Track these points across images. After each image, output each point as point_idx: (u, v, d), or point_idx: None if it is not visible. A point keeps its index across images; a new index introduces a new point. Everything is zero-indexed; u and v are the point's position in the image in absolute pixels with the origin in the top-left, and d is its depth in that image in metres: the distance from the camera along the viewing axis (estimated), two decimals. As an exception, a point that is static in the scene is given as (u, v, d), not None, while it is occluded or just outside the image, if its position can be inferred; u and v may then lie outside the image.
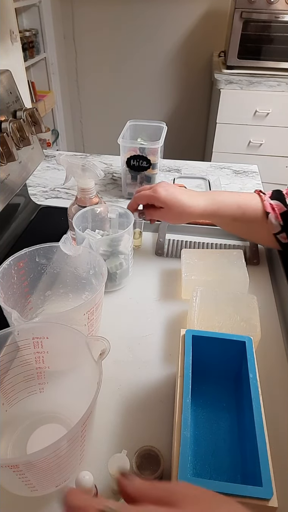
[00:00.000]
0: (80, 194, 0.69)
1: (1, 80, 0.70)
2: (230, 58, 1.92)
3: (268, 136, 2.00)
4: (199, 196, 0.68)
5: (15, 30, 0.97)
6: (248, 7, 1.77)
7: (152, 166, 0.93)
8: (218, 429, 0.46)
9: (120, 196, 1.01)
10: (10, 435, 0.47)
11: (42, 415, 0.49)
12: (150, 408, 0.51)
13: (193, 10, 2.22)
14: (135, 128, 1.02)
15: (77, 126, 2.79)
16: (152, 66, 2.44)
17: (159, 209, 0.68)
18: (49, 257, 0.60)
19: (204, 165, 1.18)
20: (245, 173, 1.14)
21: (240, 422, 0.46)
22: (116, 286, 0.69)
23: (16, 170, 0.71)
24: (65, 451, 0.36)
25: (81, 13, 2.35)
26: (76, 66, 2.54)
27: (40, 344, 0.46)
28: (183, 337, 0.47)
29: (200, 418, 0.47)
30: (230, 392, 0.50)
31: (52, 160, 1.19)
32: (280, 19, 1.80)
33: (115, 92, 2.58)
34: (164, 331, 0.62)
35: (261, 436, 0.37)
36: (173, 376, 0.55)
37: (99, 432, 0.48)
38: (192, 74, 2.44)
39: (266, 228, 0.67)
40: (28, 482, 0.37)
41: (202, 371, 0.48)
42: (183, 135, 2.61)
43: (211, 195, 0.69)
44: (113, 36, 2.38)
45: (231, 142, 2.04)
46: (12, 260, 0.55)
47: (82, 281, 0.62)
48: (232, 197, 0.68)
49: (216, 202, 0.67)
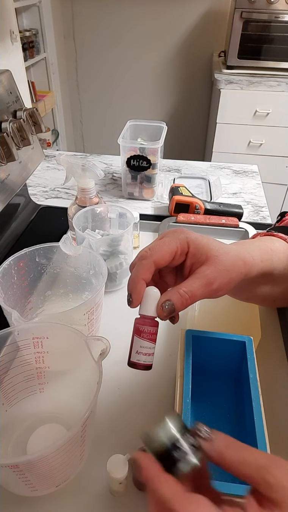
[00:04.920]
0: (80, 194, 0.69)
1: (1, 80, 0.70)
2: (230, 58, 1.92)
3: (268, 136, 2.00)
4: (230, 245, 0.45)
5: (15, 30, 0.97)
6: (248, 7, 1.78)
7: (152, 166, 0.93)
8: (218, 429, 0.46)
9: (120, 196, 1.01)
10: (10, 435, 0.47)
11: (42, 415, 0.49)
12: (150, 408, 0.51)
13: (193, 10, 2.22)
14: (135, 128, 1.02)
15: (77, 126, 2.79)
16: (152, 66, 2.44)
17: (198, 273, 0.39)
18: (49, 257, 0.60)
19: (204, 165, 1.18)
20: (245, 173, 1.14)
21: (240, 422, 0.46)
22: (116, 286, 0.69)
23: (16, 170, 0.71)
24: (65, 451, 0.36)
25: (81, 13, 2.35)
26: (76, 66, 2.54)
27: (40, 344, 0.46)
28: (183, 337, 0.47)
29: (200, 418, 0.47)
30: (230, 392, 0.50)
31: (52, 160, 1.19)
32: (280, 19, 1.80)
33: (115, 92, 2.58)
34: (164, 331, 0.62)
35: (261, 436, 0.37)
36: (173, 376, 0.54)
37: (99, 432, 0.48)
38: (192, 74, 2.43)
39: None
40: (28, 482, 0.37)
41: (202, 371, 0.48)
42: (183, 135, 2.61)
43: (239, 245, 0.45)
44: (113, 36, 2.38)
45: (231, 142, 2.04)
46: (12, 260, 0.55)
47: (82, 281, 0.62)
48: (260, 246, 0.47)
49: (265, 252, 0.46)
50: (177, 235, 0.40)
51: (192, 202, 0.85)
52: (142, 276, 0.38)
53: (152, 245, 0.40)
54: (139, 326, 0.39)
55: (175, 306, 0.38)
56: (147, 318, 0.39)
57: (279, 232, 0.50)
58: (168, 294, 0.38)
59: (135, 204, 0.97)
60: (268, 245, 0.47)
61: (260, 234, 0.53)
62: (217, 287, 0.39)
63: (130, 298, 0.39)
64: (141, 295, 0.38)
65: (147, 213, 0.93)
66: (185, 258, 0.41)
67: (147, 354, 0.39)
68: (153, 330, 0.39)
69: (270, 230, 0.52)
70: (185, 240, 0.40)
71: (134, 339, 0.39)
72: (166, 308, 0.38)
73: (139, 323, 0.39)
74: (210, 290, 0.39)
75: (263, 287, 0.48)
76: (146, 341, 0.39)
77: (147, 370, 0.39)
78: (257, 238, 0.51)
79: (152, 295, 0.39)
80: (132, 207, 0.93)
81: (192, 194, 0.88)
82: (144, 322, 0.39)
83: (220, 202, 0.88)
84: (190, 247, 0.40)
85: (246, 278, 0.42)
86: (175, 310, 0.38)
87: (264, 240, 0.48)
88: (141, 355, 0.39)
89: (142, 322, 0.39)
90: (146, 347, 0.39)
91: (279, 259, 0.46)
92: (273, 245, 0.47)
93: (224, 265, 0.39)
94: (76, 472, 0.42)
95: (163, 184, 1.02)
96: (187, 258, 0.40)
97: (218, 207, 0.86)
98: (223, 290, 0.40)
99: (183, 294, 0.38)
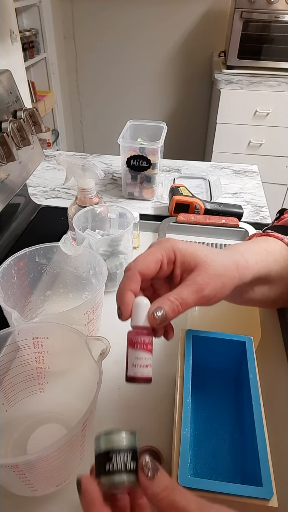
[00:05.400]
0: (80, 194, 0.69)
1: (1, 80, 0.70)
2: (230, 58, 1.92)
3: (268, 136, 2.00)
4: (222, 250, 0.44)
5: (15, 30, 0.97)
6: (248, 7, 1.78)
7: (152, 166, 0.93)
8: (218, 429, 0.46)
9: (120, 196, 1.01)
10: (10, 435, 0.47)
11: (42, 415, 0.49)
12: (150, 408, 0.51)
13: (193, 10, 2.22)
14: (135, 128, 1.02)
15: (77, 126, 2.79)
16: (152, 66, 2.44)
17: (188, 280, 0.38)
18: (49, 257, 0.60)
19: (204, 165, 1.18)
20: (245, 173, 1.14)
21: (240, 422, 0.46)
22: (116, 286, 0.69)
23: (16, 170, 0.71)
24: (65, 451, 0.36)
25: (81, 13, 2.35)
26: (76, 66, 2.54)
27: (40, 344, 0.46)
28: (183, 337, 0.47)
29: (200, 418, 0.47)
30: (230, 392, 0.50)
31: (52, 160, 1.19)
32: (280, 19, 1.80)
33: (115, 92, 2.58)
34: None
35: (261, 436, 0.37)
36: (173, 376, 0.54)
37: (99, 432, 0.47)
38: (192, 74, 2.43)
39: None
40: (28, 482, 0.37)
41: (202, 371, 0.48)
42: (183, 135, 2.61)
43: (233, 249, 0.44)
44: (113, 36, 2.38)
45: (231, 142, 2.04)
46: (12, 260, 0.55)
47: (82, 281, 0.62)
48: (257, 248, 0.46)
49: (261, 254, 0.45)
50: (162, 244, 0.39)
51: (192, 202, 0.85)
52: (128, 287, 0.37)
53: (137, 257, 0.39)
54: (132, 337, 0.37)
55: (166, 313, 0.36)
56: (139, 328, 0.37)
57: (276, 232, 0.49)
58: (158, 302, 0.37)
59: (135, 204, 0.97)
60: (263, 247, 0.46)
61: (256, 234, 0.52)
62: (209, 292, 0.38)
63: (119, 311, 0.37)
64: (130, 306, 0.37)
65: (147, 213, 0.93)
66: (174, 267, 0.40)
67: (144, 366, 0.37)
68: (148, 340, 0.37)
69: (266, 230, 0.51)
70: (171, 249, 0.39)
71: (128, 352, 0.37)
72: (158, 315, 0.36)
73: (132, 334, 0.37)
74: (202, 297, 0.38)
75: (260, 289, 0.46)
76: (141, 351, 0.37)
77: (147, 384, 0.37)
78: (252, 239, 0.50)
79: (142, 305, 0.37)
80: (132, 207, 0.93)
81: (192, 194, 0.88)
82: (137, 333, 0.37)
83: (220, 202, 0.89)
84: (177, 255, 0.39)
85: (241, 282, 0.41)
86: (167, 317, 0.36)
87: (259, 241, 0.47)
88: (138, 367, 0.37)
89: (134, 333, 0.37)
90: (142, 358, 0.37)
91: (275, 260, 0.45)
92: (269, 246, 0.46)
93: (215, 269, 0.38)
94: (76, 472, 0.42)
95: (163, 184, 1.02)
96: (176, 267, 0.39)
97: (218, 207, 0.86)
98: (217, 296, 0.39)
99: (173, 300, 0.37)
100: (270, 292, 0.47)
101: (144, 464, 0.28)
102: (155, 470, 0.28)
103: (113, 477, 0.28)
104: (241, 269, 0.41)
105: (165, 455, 0.44)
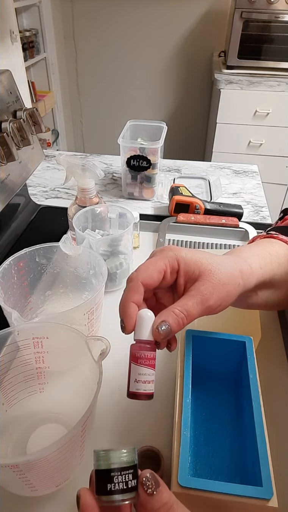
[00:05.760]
0: (80, 194, 0.69)
1: (1, 80, 0.70)
2: (230, 58, 1.92)
3: (268, 136, 2.00)
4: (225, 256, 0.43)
5: (15, 30, 0.97)
6: (248, 7, 1.77)
7: (152, 166, 0.93)
8: (218, 429, 0.46)
9: (120, 196, 1.01)
10: (10, 435, 0.47)
11: (42, 415, 0.49)
12: (150, 408, 0.51)
13: (193, 10, 2.22)
14: (135, 128, 1.02)
15: (77, 126, 2.79)
16: (152, 66, 2.44)
17: (192, 290, 0.37)
18: (49, 257, 0.60)
19: (204, 165, 1.18)
20: (245, 173, 1.14)
21: (240, 422, 0.46)
22: (116, 286, 0.69)
23: (16, 170, 0.71)
24: (65, 451, 0.36)
25: (81, 13, 2.35)
26: (76, 66, 2.54)
27: (40, 344, 0.46)
28: (183, 337, 0.47)
29: (200, 418, 0.47)
30: (230, 392, 0.50)
31: (52, 160, 1.19)
32: (280, 19, 1.80)
33: (115, 92, 2.58)
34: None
35: (261, 436, 0.37)
36: (173, 376, 0.54)
37: (99, 432, 0.48)
38: (192, 74, 2.43)
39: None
40: (28, 482, 0.37)
41: (202, 371, 0.48)
42: (183, 135, 2.61)
43: (236, 254, 0.44)
44: (113, 36, 2.38)
45: (231, 142, 2.04)
46: (12, 260, 0.55)
47: (82, 281, 0.62)
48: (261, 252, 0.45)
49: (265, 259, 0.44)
50: (165, 253, 0.38)
51: (192, 202, 0.85)
52: (131, 299, 0.36)
53: (139, 266, 0.38)
54: (136, 352, 0.36)
55: (171, 327, 0.35)
56: (143, 343, 0.36)
57: (280, 233, 0.49)
58: (162, 315, 0.36)
59: (135, 204, 0.97)
60: (267, 250, 0.45)
61: (259, 236, 0.52)
62: (214, 302, 0.37)
63: (123, 324, 0.36)
64: (133, 318, 0.36)
65: (147, 213, 0.93)
66: (177, 276, 0.39)
67: (147, 382, 0.36)
68: (151, 355, 0.36)
69: (270, 231, 0.51)
70: (174, 258, 0.38)
71: (131, 366, 0.36)
72: (162, 330, 0.35)
73: (135, 349, 0.36)
74: (208, 307, 0.37)
75: (264, 294, 0.46)
76: (145, 368, 0.36)
77: (149, 400, 0.36)
78: (255, 242, 0.49)
79: (146, 318, 0.36)
80: (132, 207, 0.93)
81: (192, 194, 0.88)
82: (140, 348, 0.36)
83: (220, 202, 0.89)
84: (180, 265, 0.38)
85: (245, 289, 0.40)
86: (171, 331, 0.35)
87: (262, 244, 0.47)
88: (141, 383, 0.36)
89: (138, 348, 0.36)
90: (145, 374, 0.36)
91: (279, 263, 0.44)
92: (272, 249, 0.45)
93: (219, 278, 0.37)
94: (76, 472, 0.42)
95: (163, 184, 1.02)
96: (179, 276, 0.38)
97: (218, 207, 0.86)
98: (222, 305, 0.38)
99: (178, 313, 0.36)
100: (275, 296, 0.47)
101: (144, 482, 0.28)
102: (155, 485, 0.28)
103: (114, 497, 0.28)
104: (245, 275, 0.40)
105: (165, 455, 0.44)
